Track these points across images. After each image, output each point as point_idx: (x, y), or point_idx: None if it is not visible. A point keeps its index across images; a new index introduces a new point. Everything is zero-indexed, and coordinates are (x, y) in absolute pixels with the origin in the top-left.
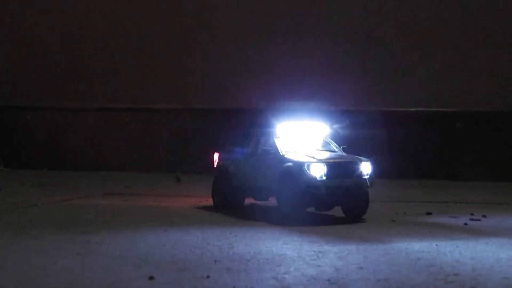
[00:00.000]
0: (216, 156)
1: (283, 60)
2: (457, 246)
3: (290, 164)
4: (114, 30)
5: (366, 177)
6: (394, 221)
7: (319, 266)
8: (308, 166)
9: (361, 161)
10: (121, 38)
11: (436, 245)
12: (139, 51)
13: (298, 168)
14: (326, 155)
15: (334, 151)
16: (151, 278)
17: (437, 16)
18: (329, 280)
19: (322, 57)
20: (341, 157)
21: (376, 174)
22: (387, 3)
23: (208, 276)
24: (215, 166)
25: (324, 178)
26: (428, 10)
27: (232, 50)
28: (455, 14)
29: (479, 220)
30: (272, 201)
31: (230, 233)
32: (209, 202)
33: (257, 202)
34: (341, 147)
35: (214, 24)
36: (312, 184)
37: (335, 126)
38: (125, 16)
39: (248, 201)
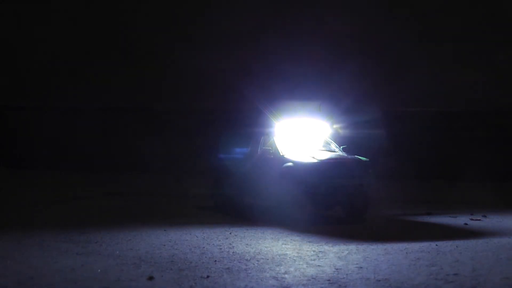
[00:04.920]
0: (216, 156)
1: (283, 60)
2: (457, 246)
3: (290, 164)
4: (114, 30)
5: (366, 177)
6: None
7: (319, 266)
8: (308, 166)
9: (361, 161)
10: (121, 38)
11: (436, 245)
12: (139, 51)
13: (298, 168)
14: (326, 155)
15: (334, 151)
16: (151, 278)
17: (437, 16)
18: (329, 280)
19: (322, 56)
20: (341, 157)
21: (376, 174)
22: (387, 3)
23: (208, 276)
24: (215, 166)
25: (324, 178)
26: (428, 9)
27: (232, 50)
28: (455, 14)
29: (479, 220)
30: (272, 201)
31: (230, 233)
32: (209, 202)
33: (257, 202)
34: (341, 147)
35: (214, 24)
36: (312, 184)
37: (335, 126)
38: (125, 15)
39: (248, 201)
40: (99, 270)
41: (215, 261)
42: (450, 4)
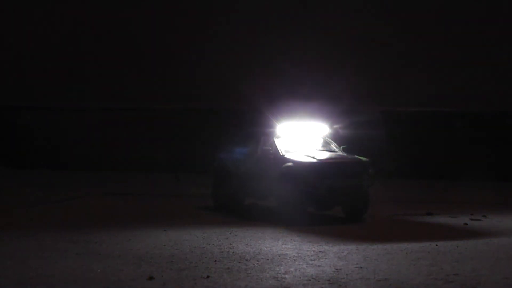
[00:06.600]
0: (216, 156)
1: (283, 60)
2: (457, 246)
3: (290, 164)
4: (114, 30)
5: (366, 177)
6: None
7: (319, 266)
8: (308, 166)
9: (361, 161)
10: (121, 37)
11: (436, 245)
12: (139, 51)
13: (298, 168)
14: (326, 155)
15: (334, 151)
16: (151, 278)
17: (437, 16)
18: (329, 280)
19: (322, 56)
20: (341, 157)
21: (376, 174)
22: (387, 3)
23: (208, 276)
24: (215, 166)
25: (324, 178)
26: (428, 9)
27: (232, 50)
28: (455, 14)
29: (479, 220)
30: (272, 201)
31: (230, 233)
32: (209, 202)
33: (257, 202)
34: (341, 147)
35: (214, 24)
36: (312, 184)
37: (335, 126)
38: (125, 15)
39: (248, 201)
40: (99, 270)
41: (215, 261)
42: (450, 4)
